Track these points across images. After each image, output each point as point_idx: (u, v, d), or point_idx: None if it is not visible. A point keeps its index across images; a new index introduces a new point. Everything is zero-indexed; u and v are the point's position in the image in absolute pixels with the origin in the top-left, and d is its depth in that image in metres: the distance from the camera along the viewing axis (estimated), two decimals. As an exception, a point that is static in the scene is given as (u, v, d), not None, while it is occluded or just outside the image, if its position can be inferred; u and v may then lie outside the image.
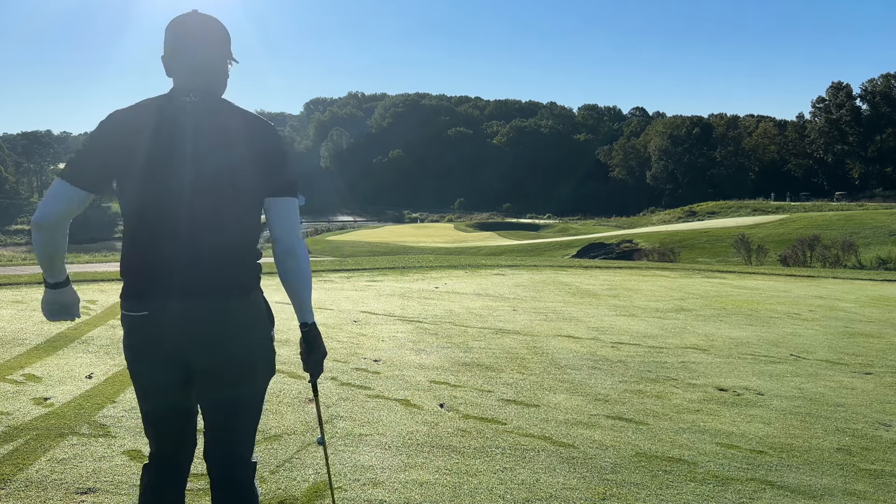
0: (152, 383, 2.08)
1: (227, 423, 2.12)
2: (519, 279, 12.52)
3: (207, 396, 2.10)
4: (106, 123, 2.03)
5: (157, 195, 1.97)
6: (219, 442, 2.15)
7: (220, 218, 1.99)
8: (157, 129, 1.98)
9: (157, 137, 1.98)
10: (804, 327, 8.01)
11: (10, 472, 3.29)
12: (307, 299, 2.16)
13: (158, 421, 2.14)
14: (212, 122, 2.01)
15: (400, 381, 5.14)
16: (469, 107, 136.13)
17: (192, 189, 1.97)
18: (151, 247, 1.99)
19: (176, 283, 1.97)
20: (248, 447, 2.18)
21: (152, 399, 2.11)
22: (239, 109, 2.09)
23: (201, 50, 2.04)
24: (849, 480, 3.53)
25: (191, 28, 2.04)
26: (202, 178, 1.97)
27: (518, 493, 3.24)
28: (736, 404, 4.82)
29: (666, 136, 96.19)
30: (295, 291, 2.14)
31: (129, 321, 2.05)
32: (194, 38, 2.03)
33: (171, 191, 1.97)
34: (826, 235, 28.83)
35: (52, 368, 5.21)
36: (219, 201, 1.99)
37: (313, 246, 46.88)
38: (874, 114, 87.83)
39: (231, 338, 2.02)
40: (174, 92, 2.05)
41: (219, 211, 1.99)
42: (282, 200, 2.07)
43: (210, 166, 1.98)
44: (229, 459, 2.14)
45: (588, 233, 54.65)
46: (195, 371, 2.04)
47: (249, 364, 2.09)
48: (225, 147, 2.00)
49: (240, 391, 2.10)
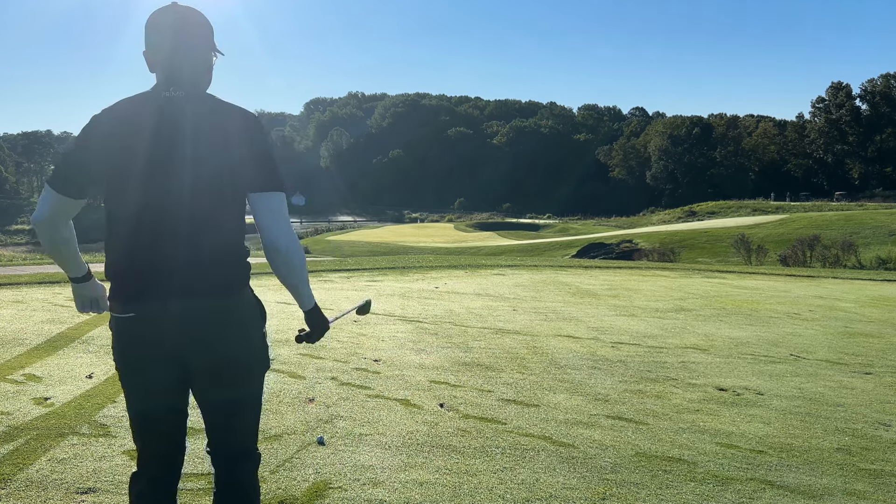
0: (152, 384, 2.04)
1: (228, 423, 2.13)
2: (519, 279, 12.52)
3: (207, 396, 2.09)
4: (88, 129, 2.03)
5: (144, 195, 1.95)
6: (221, 441, 2.15)
7: (216, 216, 1.99)
8: (140, 127, 1.96)
9: (140, 134, 1.95)
10: (804, 327, 8.01)
11: (11, 472, 3.29)
12: (304, 288, 2.14)
13: (154, 423, 2.11)
14: (195, 116, 1.98)
15: (400, 381, 5.14)
16: (469, 107, 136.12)
17: (182, 187, 1.94)
18: (147, 247, 1.97)
19: (175, 283, 1.95)
20: (252, 440, 2.21)
21: (150, 400, 2.07)
22: (224, 103, 2.06)
23: (181, 43, 2.00)
24: (849, 480, 3.53)
25: (169, 21, 2.00)
26: (189, 174, 1.95)
27: (518, 492, 3.25)
28: (736, 404, 4.82)
29: (666, 136, 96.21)
30: (293, 286, 2.12)
31: (124, 323, 2.01)
32: (173, 32, 1.99)
33: (158, 189, 1.95)
34: (826, 235, 28.83)
35: (52, 368, 5.21)
36: (211, 198, 1.97)
37: (313, 246, 46.85)
38: (874, 114, 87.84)
39: (229, 336, 2.02)
40: (156, 87, 2.03)
41: (213, 208, 1.97)
42: (270, 195, 2.02)
43: (198, 162, 1.95)
44: (233, 454, 2.15)
45: (588, 233, 54.66)
46: (193, 371, 2.03)
47: (246, 362, 2.08)
48: (213, 142, 1.97)
49: (239, 390, 2.09)
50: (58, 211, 2.06)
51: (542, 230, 65.00)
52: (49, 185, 2.07)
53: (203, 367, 2.02)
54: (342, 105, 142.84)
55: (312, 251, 43.45)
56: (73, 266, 2.21)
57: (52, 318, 7.13)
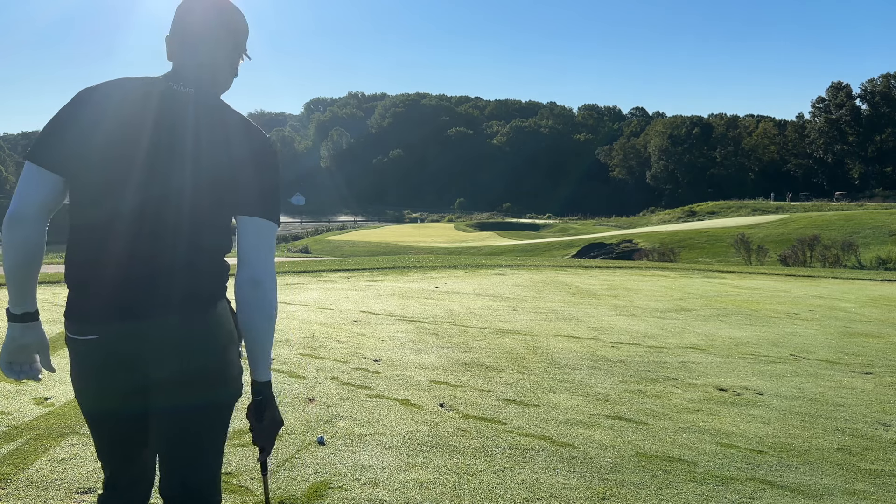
0: (120, 412, 1.78)
1: (184, 445, 1.80)
2: (519, 279, 12.52)
3: (168, 408, 1.77)
4: (76, 105, 1.73)
5: (125, 197, 1.69)
6: (172, 473, 1.82)
7: (203, 228, 1.76)
8: (135, 117, 1.71)
9: (133, 125, 1.71)
10: (804, 327, 8.01)
11: (11, 472, 3.29)
12: (267, 345, 1.79)
13: (122, 446, 1.84)
14: (205, 118, 1.77)
15: (400, 381, 5.14)
16: (469, 107, 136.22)
17: (168, 194, 1.72)
18: (125, 255, 1.69)
19: (154, 298, 1.70)
20: (210, 482, 1.85)
21: (118, 428, 1.82)
22: (237, 113, 1.85)
23: (210, 38, 1.80)
24: (848, 480, 3.53)
25: (204, 11, 1.80)
26: (180, 179, 1.72)
27: (518, 492, 3.25)
28: (736, 404, 4.82)
29: (666, 136, 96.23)
30: (254, 330, 1.78)
31: (85, 346, 1.71)
32: (206, 24, 1.80)
33: (143, 193, 1.70)
34: (826, 235, 28.83)
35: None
36: (202, 207, 1.74)
37: (313, 246, 46.83)
38: (874, 114, 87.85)
39: (205, 351, 1.77)
40: (167, 76, 1.81)
41: (204, 217, 1.75)
42: (264, 223, 1.79)
43: (197, 165, 1.73)
44: (185, 491, 1.80)
45: (588, 233, 54.64)
46: (156, 386, 1.75)
47: (218, 379, 1.80)
48: (218, 146, 1.75)
49: (203, 404, 1.79)
50: (47, 202, 1.69)
51: (542, 230, 64.99)
52: (32, 160, 1.69)
53: (167, 383, 1.74)
54: (342, 105, 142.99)
55: (312, 251, 43.45)
56: (31, 292, 1.74)
57: (53, 318, 7.13)
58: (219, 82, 1.86)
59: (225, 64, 1.85)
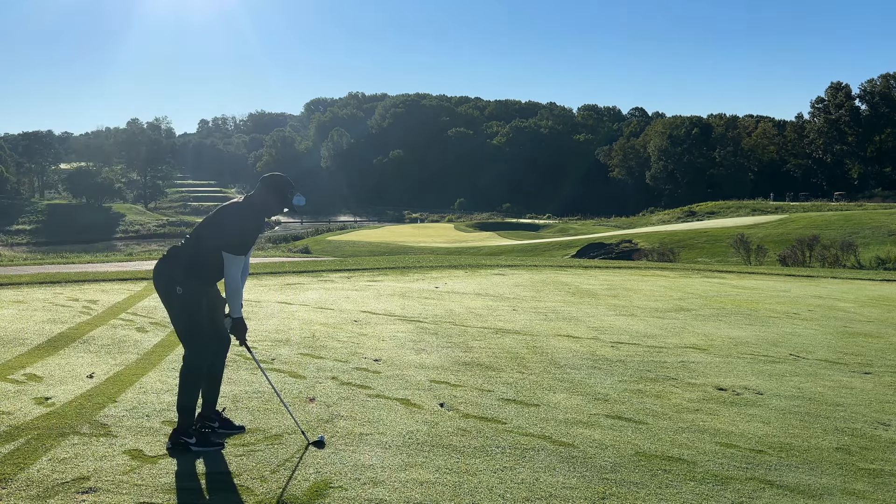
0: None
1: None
2: (519, 279, 12.52)
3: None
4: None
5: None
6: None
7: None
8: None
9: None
10: (803, 327, 8.02)
11: (12, 472, 3.30)
12: (234, 302, 3.92)
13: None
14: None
15: (400, 381, 5.15)
16: (469, 107, 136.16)
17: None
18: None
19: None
20: (185, 345, 3.92)
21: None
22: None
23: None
24: (848, 479, 3.54)
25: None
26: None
27: (518, 492, 3.25)
28: (735, 404, 4.83)
29: (665, 136, 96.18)
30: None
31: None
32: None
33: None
34: (825, 235, 28.83)
35: (53, 368, 5.22)
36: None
37: (313, 246, 46.85)
38: (873, 114, 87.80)
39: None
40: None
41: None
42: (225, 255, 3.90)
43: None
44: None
45: (588, 233, 54.62)
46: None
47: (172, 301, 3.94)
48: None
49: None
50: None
51: (542, 230, 64.97)
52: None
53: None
54: (342, 105, 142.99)
55: (312, 251, 43.45)
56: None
57: (53, 318, 7.14)
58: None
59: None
